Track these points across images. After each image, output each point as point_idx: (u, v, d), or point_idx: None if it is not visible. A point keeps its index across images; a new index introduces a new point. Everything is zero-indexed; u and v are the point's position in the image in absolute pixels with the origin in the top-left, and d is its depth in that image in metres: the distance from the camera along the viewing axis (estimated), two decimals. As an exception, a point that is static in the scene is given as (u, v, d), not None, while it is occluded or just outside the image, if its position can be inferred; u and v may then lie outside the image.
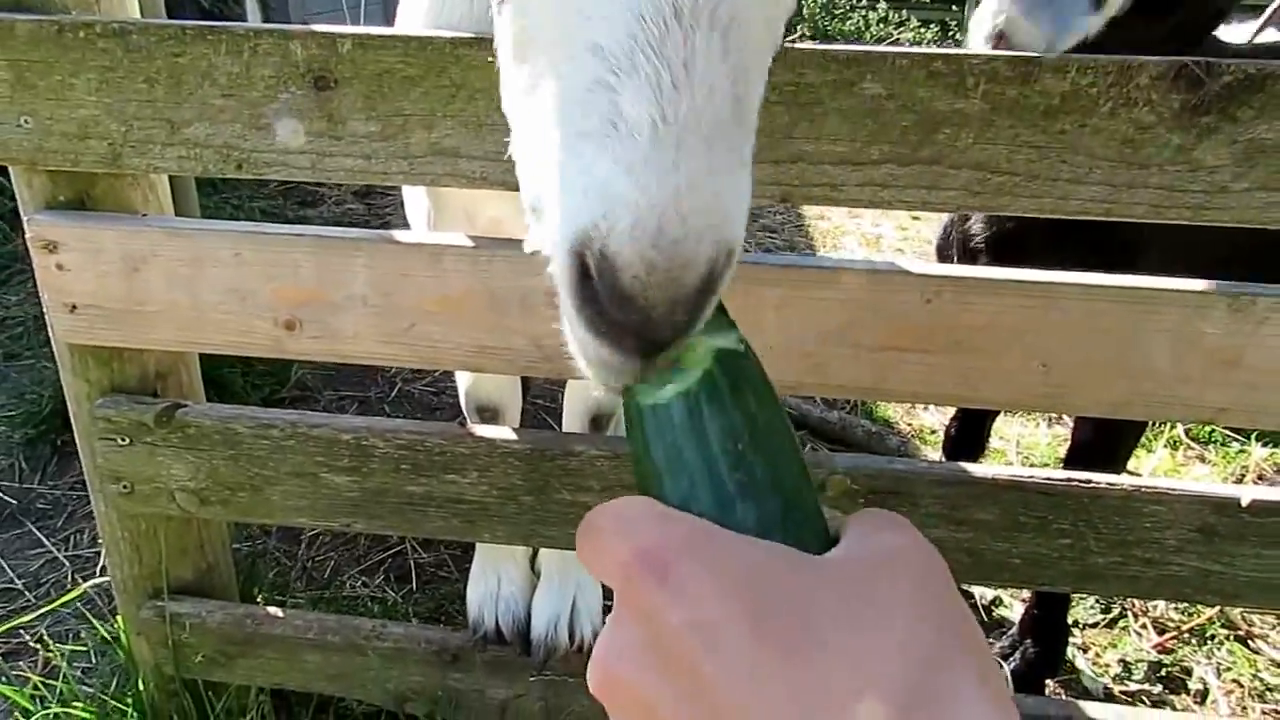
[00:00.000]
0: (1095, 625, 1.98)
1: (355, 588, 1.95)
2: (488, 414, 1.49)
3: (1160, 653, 1.91)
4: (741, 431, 0.44)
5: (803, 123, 0.96)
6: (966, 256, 1.61)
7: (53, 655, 1.61)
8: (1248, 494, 1.10)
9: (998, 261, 1.50)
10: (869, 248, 3.64)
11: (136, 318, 1.15)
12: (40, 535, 2.05)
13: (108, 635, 1.53)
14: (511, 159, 1.02)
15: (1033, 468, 1.87)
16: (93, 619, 1.56)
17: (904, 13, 10.62)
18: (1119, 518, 1.11)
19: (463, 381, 1.52)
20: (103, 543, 1.43)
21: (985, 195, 0.98)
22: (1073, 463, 1.72)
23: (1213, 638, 1.95)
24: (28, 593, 1.90)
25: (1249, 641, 1.94)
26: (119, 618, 1.48)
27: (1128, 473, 1.73)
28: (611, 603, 1.68)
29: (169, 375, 1.29)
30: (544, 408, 2.51)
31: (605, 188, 0.44)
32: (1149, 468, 2.45)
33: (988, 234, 1.55)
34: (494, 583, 1.49)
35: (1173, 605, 2.01)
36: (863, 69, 0.94)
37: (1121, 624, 1.98)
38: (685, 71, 0.44)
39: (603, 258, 0.44)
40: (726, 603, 0.36)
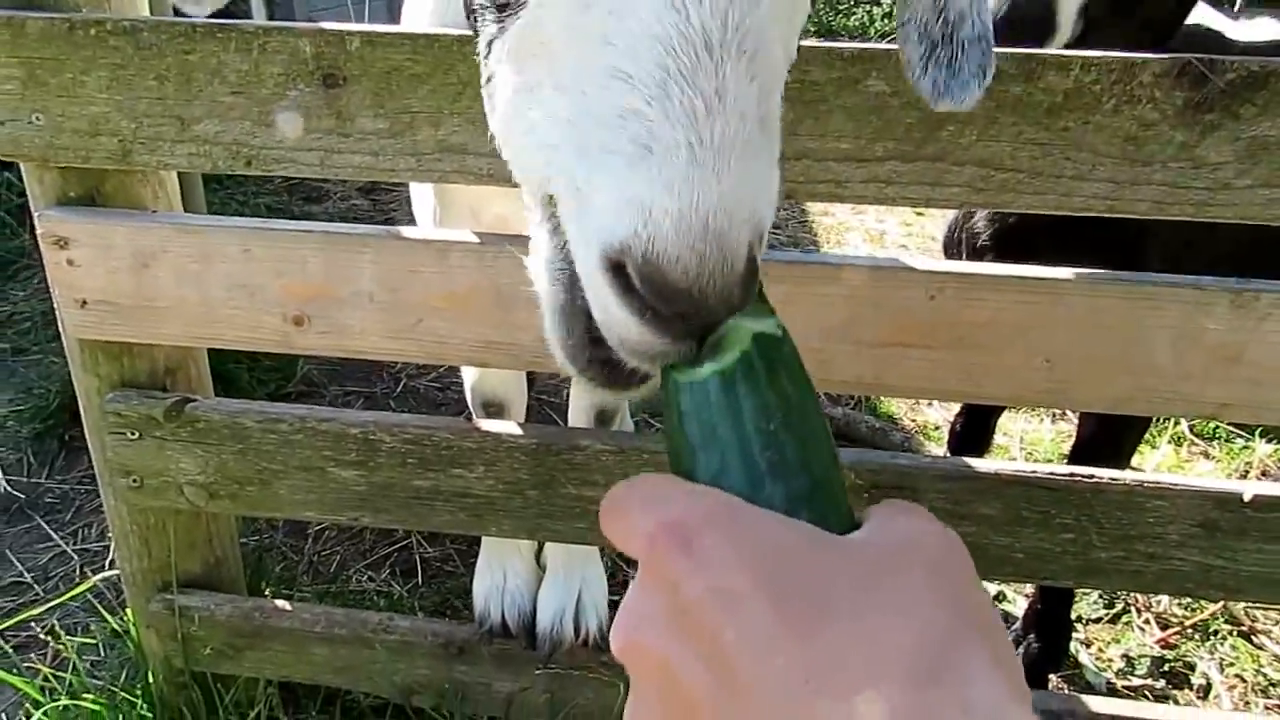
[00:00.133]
0: (1098, 620, 1.98)
1: (361, 582, 1.96)
2: (493, 409, 1.50)
3: (1163, 648, 1.91)
4: (775, 411, 0.45)
5: (808, 120, 0.97)
6: (972, 255, 1.62)
7: (62, 648, 1.63)
8: (1250, 489, 1.10)
9: (1003, 260, 1.51)
10: (873, 244, 3.64)
11: (146, 313, 1.16)
12: (49, 529, 2.07)
13: (117, 628, 1.54)
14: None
15: (1036, 463, 1.88)
16: (103, 611, 1.57)
17: (908, 10, 10.55)
18: (1121, 512, 1.12)
19: (468, 377, 1.53)
20: (112, 537, 1.44)
21: (989, 192, 0.98)
22: (1078, 459, 1.73)
23: (1216, 633, 1.95)
24: (36, 586, 1.92)
25: (1252, 637, 1.95)
26: (128, 611, 1.49)
27: (1131, 468, 1.73)
28: (617, 599, 1.69)
29: (178, 370, 1.30)
30: (549, 403, 2.52)
31: (642, 200, 0.46)
32: (1153, 464, 2.45)
33: (992, 231, 1.55)
34: (500, 576, 1.50)
35: (1176, 601, 2.01)
36: (867, 66, 0.94)
37: (1125, 619, 1.98)
38: (718, 99, 0.46)
39: (645, 262, 0.46)
40: (749, 574, 0.37)
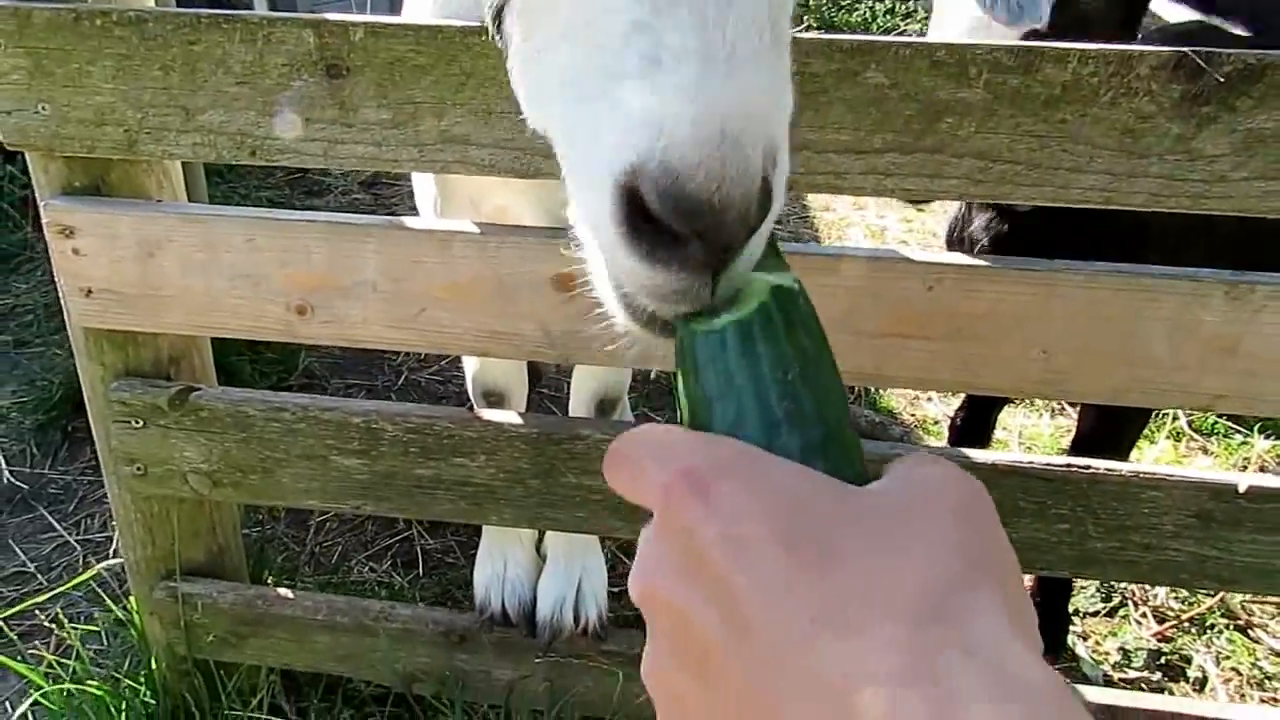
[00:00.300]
0: (1096, 614, 1.99)
1: (363, 573, 1.97)
2: (494, 398, 1.51)
3: (1160, 641, 1.92)
4: (792, 362, 0.45)
5: (807, 111, 0.97)
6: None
7: (66, 636, 1.64)
8: (1245, 481, 1.11)
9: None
10: (874, 239, 3.64)
11: (151, 302, 1.17)
12: (52, 520, 2.08)
13: (121, 616, 1.55)
14: (520, 147, 1.04)
15: (1033, 454, 1.88)
16: (107, 599, 1.58)
17: (911, 4, 10.55)
18: (1117, 503, 1.13)
19: (470, 366, 1.54)
20: (115, 525, 1.45)
21: (987, 184, 0.99)
22: (1077, 453, 1.74)
23: (1212, 627, 1.96)
24: (40, 576, 1.93)
25: (1248, 631, 1.95)
26: (132, 599, 1.50)
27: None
28: (617, 589, 1.69)
29: (182, 359, 1.31)
30: (550, 396, 2.53)
31: (654, 113, 0.45)
32: (1150, 459, 2.45)
33: (993, 245, 1.56)
34: (500, 565, 1.51)
35: (1173, 594, 2.02)
36: (866, 58, 0.95)
37: (1122, 613, 1.99)
38: (728, 6, 0.46)
39: (663, 174, 0.45)
40: (763, 520, 0.37)
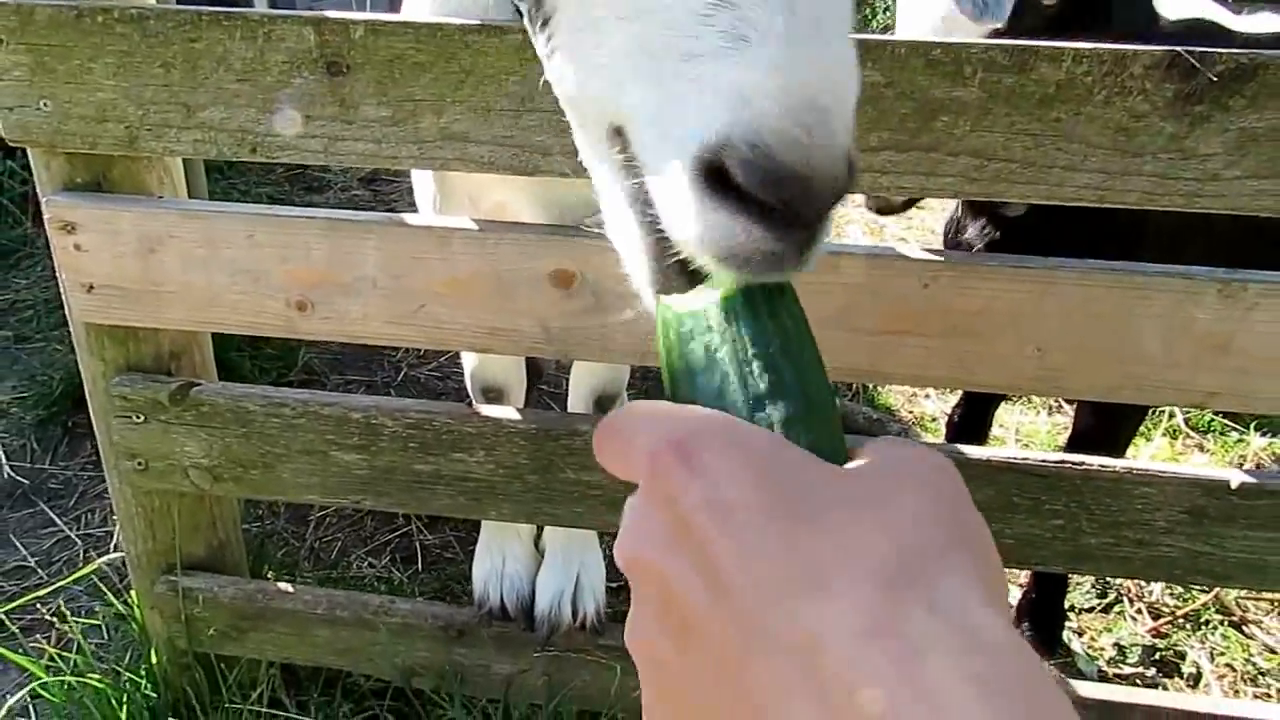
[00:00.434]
0: (1091, 610, 2.00)
1: (362, 568, 1.98)
2: (493, 394, 1.52)
3: (1154, 637, 1.93)
4: (774, 337, 0.47)
5: (804, 110, 0.98)
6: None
7: (67, 629, 1.65)
8: (1237, 477, 1.12)
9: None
10: (873, 237, 3.65)
11: (152, 298, 1.18)
12: (52, 514, 2.09)
13: (121, 610, 1.56)
14: (518, 144, 1.05)
15: (1027, 450, 1.89)
16: (107, 593, 1.59)
17: (910, 3, 10.52)
18: (1110, 499, 1.14)
19: (468, 362, 1.55)
20: (116, 520, 1.46)
21: (982, 182, 1.00)
22: (1073, 450, 1.75)
23: (1207, 623, 1.97)
24: (40, 570, 1.94)
25: (1243, 627, 1.96)
26: (132, 593, 1.51)
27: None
28: (618, 583, 1.70)
29: (182, 355, 1.31)
30: (549, 393, 2.54)
31: (740, 88, 0.46)
32: (1147, 456, 2.46)
33: (983, 245, 1.58)
34: (499, 560, 1.52)
35: (1168, 590, 2.03)
36: (862, 57, 0.96)
37: (1117, 609, 2.00)
38: None
39: (753, 146, 0.45)
40: (745, 487, 0.38)
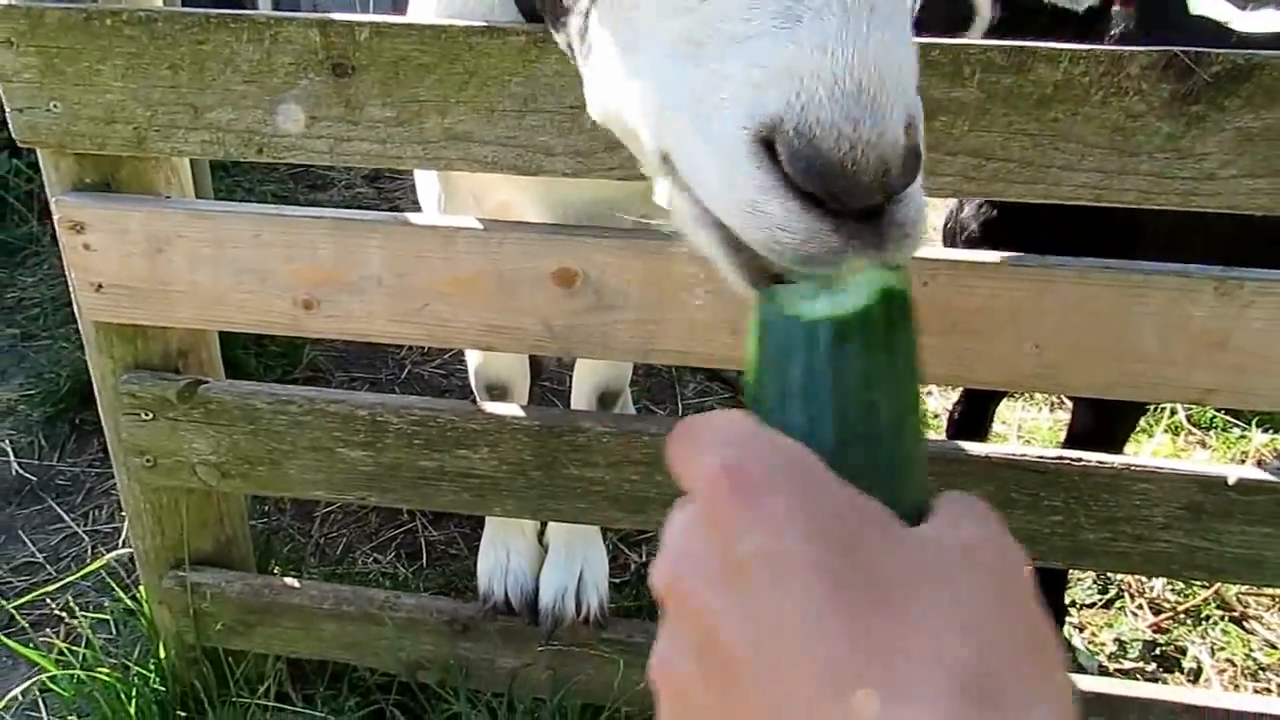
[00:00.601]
0: (1092, 605, 2.01)
1: (367, 564, 1.99)
2: (496, 391, 1.53)
3: (1155, 632, 1.94)
4: (884, 379, 0.42)
5: (804, 110, 0.99)
6: (966, 246, 1.64)
7: (75, 624, 1.66)
8: (1234, 473, 1.13)
9: (992, 248, 1.53)
10: (875, 234, 3.67)
11: (160, 297, 1.19)
12: (60, 511, 2.10)
13: (130, 605, 1.58)
14: (521, 144, 1.06)
15: (1026, 446, 1.90)
16: (117, 588, 1.60)
17: (916, -1, 10.51)
18: (1109, 495, 1.15)
19: (472, 360, 1.56)
20: (124, 516, 1.47)
21: (980, 181, 1.01)
22: (1071, 447, 1.75)
23: (1207, 618, 1.98)
24: (49, 567, 1.95)
25: (1243, 622, 1.97)
26: (141, 588, 1.52)
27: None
28: (618, 579, 1.70)
29: (190, 353, 1.33)
30: (552, 390, 2.55)
31: (793, 67, 0.45)
32: (1148, 452, 2.47)
33: (983, 230, 1.58)
34: (503, 555, 1.53)
35: (1169, 586, 2.04)
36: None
37: (1118, 604, 2.01)
38: None
39: (799, 134, 0.44)
40: (811, 545, 0.35)
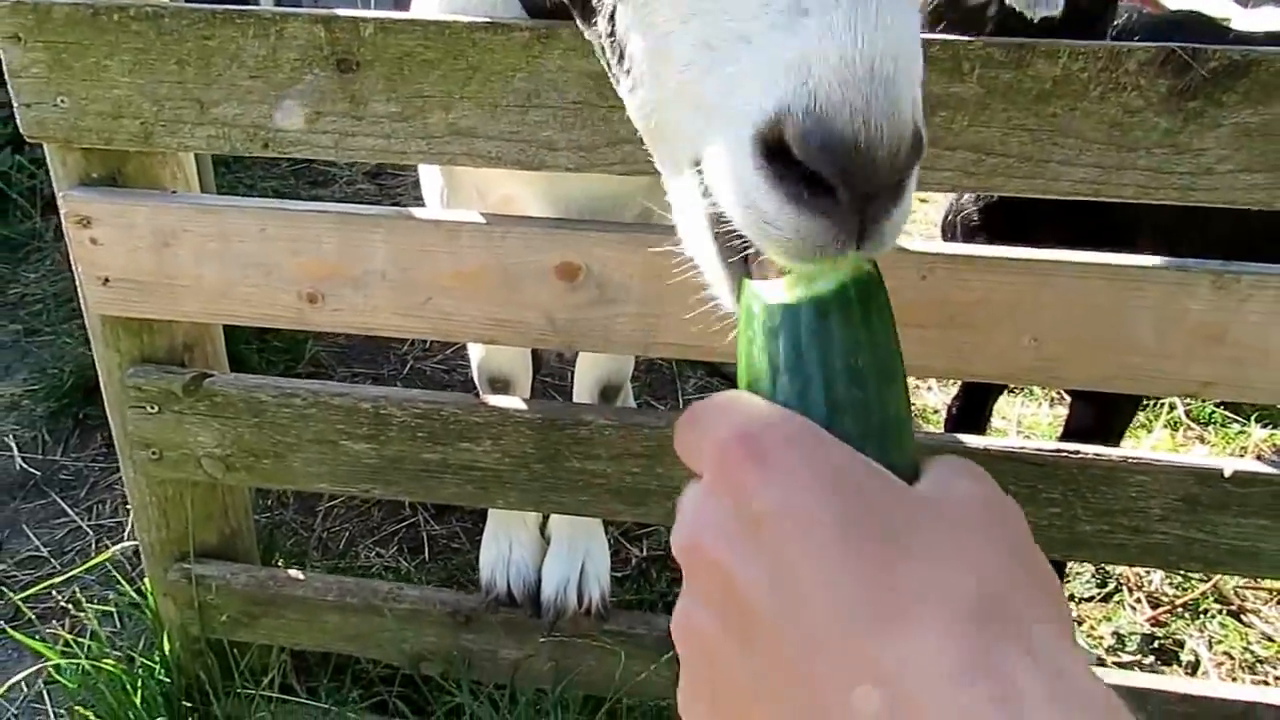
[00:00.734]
0: (1090, 599, 2.02)
1: (370, 558, 2.01)
2: (499, 385, 1.54)
3: (1154, 626, 1.95)
4: (864, 348, 0.45)
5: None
6: (966, 236, 1.65)
7: (80, 616, 1.68)
8: (1230, 465, 1.14)
9: (993, 238, 1.54)
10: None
11: (166, 291, 1.20)
12: (64, 505, 2.12)
13: (135, 597, 1.59)
14: (525, 139, 1.07)
15: (1024, 439, 1.91)
16: (122, 580, 1.62)
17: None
18: (1106, 487, 1.16)
19: (475, 353, 1.57)
20: (129, 509, 1.49)
21: (980, 176, 1.02)
22: (1069, 441, 1.76)
23: (1205, 611, 1.99)
24: (53, 560, 1.97)
25: (1241, 615, 1.98)
26: (146, 580, 1.54)
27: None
28: (619, 573, 1.71)
29: (195, 346, 1.34)
30: (554, 384, 2.56)
31: (800, 58, 0.45)
32: (1148, 447, 2.48)
33: (983, 216, 1.59)
34: (505, 547, 1.54)
35: (1167, 580, 2.05)
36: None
37: (1116, 598, 2.02)
38: None
39: (809, 115, 0.44)
40: (820, 496, 0.37)
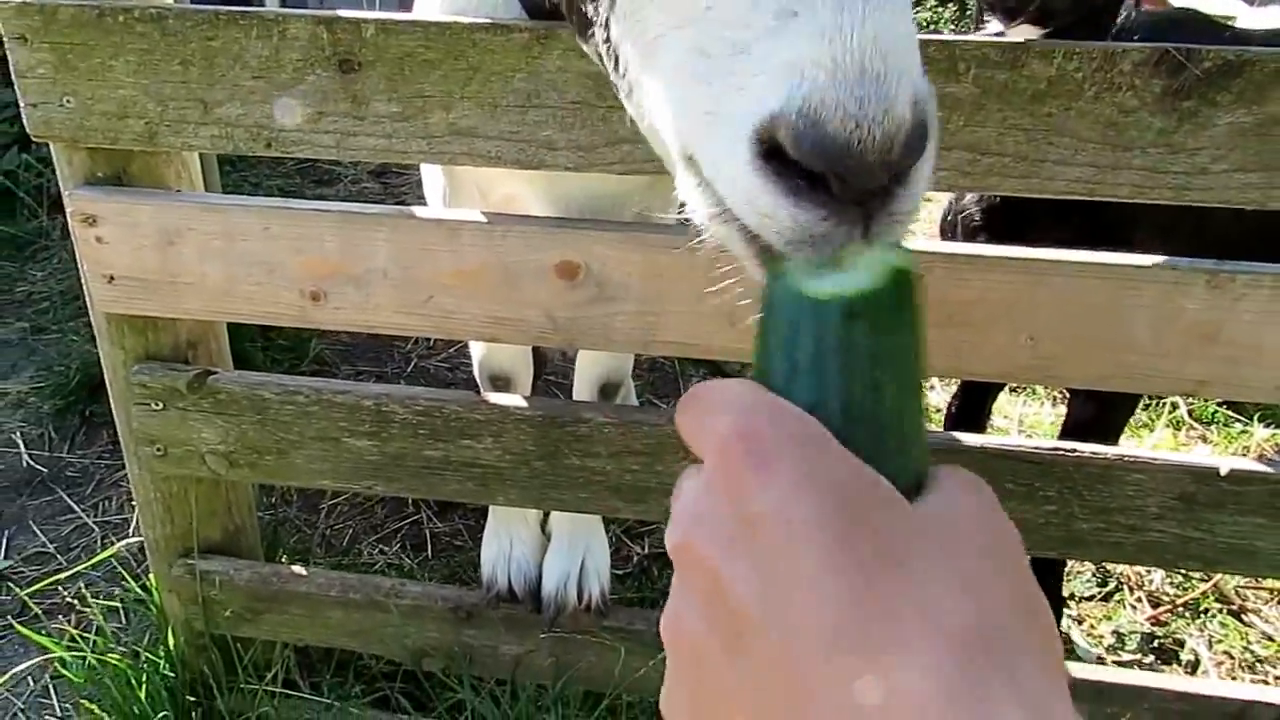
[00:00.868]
0: (1090, 598, 2.03)
1: (373, 555, 2.02)
2: (500, 382, 1.56)
3: (1154, 625, 1.96)
4: (889, 357, 0.43)
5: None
6: (966, 236, 1.66)
7: (86, 611, 1.69)
8: (1226, 464, 1.14)
9: (995, 238, 1.55)
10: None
11: (171, 288, 1.21)
12: (70, 502, 2.13)
13: (140, 593, 1.60)
14: (525, 139, 1.08)
15: (1022, 437, 1.92)
16: (127, 576, 1.63)
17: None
18: (1103, 485, 1.17)
19: (476, 351, 1.58)
20: (134, 505, 1.50)
21: (975, 175, 1.03)
22: (1066, 439, 1.77)
23: (1206, 611, 2.00)
24: (59, 556, 1.98)
25: (1241, 615, 1.99)
26: (151, 576, 1.55)
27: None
28: (620, 570, 1.73)
29: (199, 344, 1.35)
30: (555, 383, 2.57)
31: (793, 61, 0.45)
32: (1149, 446, 2.48)
33: (984, 216, 1.60)
34: (506, 543, 1.55)
35: (1167, 579, 2.06)
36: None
37: (1116, 597, 2.02)
38: None
39: (803, 117, 0.44)
40: (820, 507, 0.36)
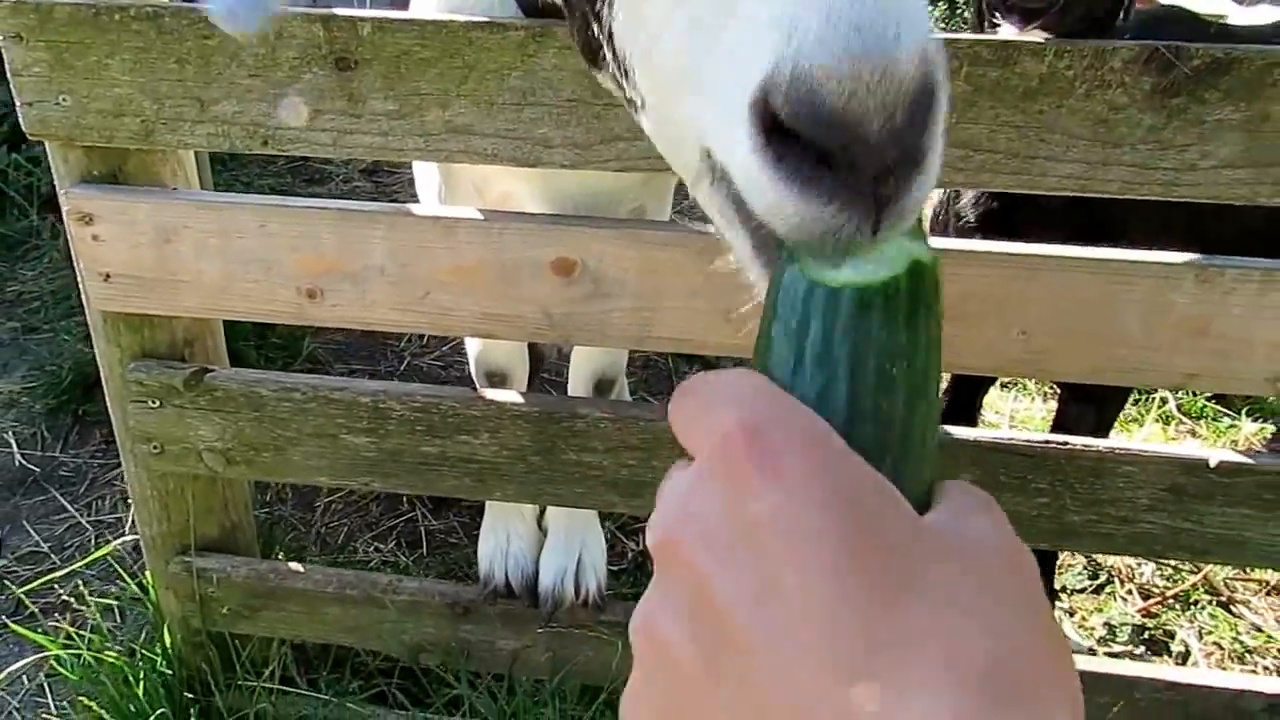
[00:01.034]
0: (1082, 591, 2.04)
1: (368, 552, 2.02)
2: (496, 378, 1.56)
3: (1144, 617, 1.98)
4: (902, 353, 0.40)
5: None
6: (959, 235, 1.67)
7: (82, 610, 1.69)
8: (1215, 456, 1.16)
9: (988, 239, 1.56)
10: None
11: (167, 286, 1.22)
12: (63, 501, 2.13)
13: (136, 591, 1.60)
14: (521, 136, 1.09)
15: (1013, 430, 1.94)
16: (124, 574, 1.63)
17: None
18: (1094, 478, 1.18)
19: (473, 347, 1.59)
20: (131, 503, 1.50)
21: (968, 172, 1.04)
22: (1059, 433, 1.79)
23: (1196, 603, 2.02)
24: (53, 556, 1.98)
25: (1231, 606, 2.01)
26: (147, 573, 1.55)
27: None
28: (616, 566, 1.74)
29: (196, 341, 1.35)
30: (550, 379, 2.58)
31: (784, 17, 0.41)
32: (1140, 440, 2.50)
33: (977, 215, 1.61)
34: (503, 539, 1.56)
35: (1158, 572, 2.08)
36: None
37: (1108, 589, 2.04)
38: None
39: (794, 80, 0.40)
40: (828, 513, 0.33)
